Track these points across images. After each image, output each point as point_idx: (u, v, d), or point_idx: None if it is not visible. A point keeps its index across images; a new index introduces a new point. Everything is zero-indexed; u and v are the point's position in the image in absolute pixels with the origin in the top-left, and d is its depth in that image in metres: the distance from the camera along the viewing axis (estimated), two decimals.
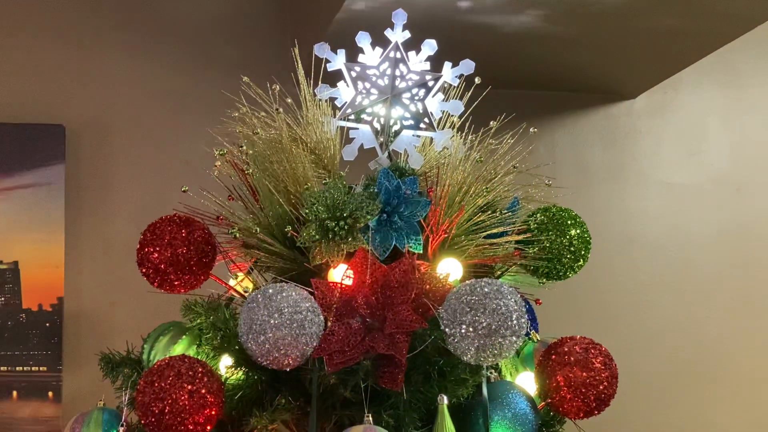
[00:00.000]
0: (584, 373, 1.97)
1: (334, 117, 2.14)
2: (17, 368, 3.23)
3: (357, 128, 2.14)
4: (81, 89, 3.43)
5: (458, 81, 2.14)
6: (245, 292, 2.09)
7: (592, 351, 2.00)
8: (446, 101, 2.15)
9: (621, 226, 3.88)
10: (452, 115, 2.17)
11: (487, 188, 2.10)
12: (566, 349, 2.00)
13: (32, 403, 3.21)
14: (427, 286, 1.90)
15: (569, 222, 2.20)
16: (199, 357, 1.95)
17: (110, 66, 3.46)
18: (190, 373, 1.83)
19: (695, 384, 3.87)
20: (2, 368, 3.21)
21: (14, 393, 3.22)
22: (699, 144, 4.00)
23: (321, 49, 2.12)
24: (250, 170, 2.06)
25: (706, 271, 3.93)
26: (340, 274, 1.92)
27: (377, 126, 2.13)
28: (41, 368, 3.23)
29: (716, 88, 4.02)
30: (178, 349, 2.04)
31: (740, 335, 3.93)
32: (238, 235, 2.03)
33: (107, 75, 3.46)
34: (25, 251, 3.28)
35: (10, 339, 3.23)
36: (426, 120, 2.13)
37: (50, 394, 3.22)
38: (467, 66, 2.13)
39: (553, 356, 2.02)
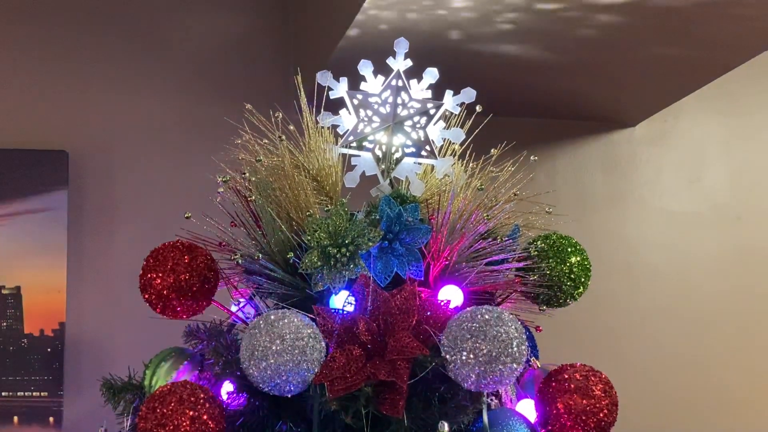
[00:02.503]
0: (584, 401, 1.97)
1: (336, 144, 2.15)
2: (18, 393, 3.23)
3: (359, 155, 2.15)
4: (84, 116, 3.44)
5: (459, 109, 2.16)
6: (247, 318, 2.10)
7: (592, 378, 2.00)
8: (447, 129, 2.16)
9: (621, 254, 3.89)
10: (453, 143, 2.18)
11: (487, 215, 2.11)
12: (566, 377, 2.01)
13: (33, 429, 3.21)
14: (428, 313, 1.90)
15: (569, 249, 2.21)
16: (200, 383, 1.95)
17: (113, 93, 3.48)
18: (192, 399, 1.83)
19: (696, 410, 3.86)
20: (3, 393, 3.21)
21: (15, 418, 3.21)
22: (699, 172, 4.01)
23: (323, 77, 2.13)
24: (253, 197, 2.07)
25: (706, 299, 3.93)
26: (341, 300, 1.93)
27: (379, 153, 2.14)
28: (42, 393, 3.23)
29: (716, 117, 4.04)
30: (180, 375, 2.05)
31: (740, 362, 3.93)
32: (240, 261, 2.04)
33: (110, 102, 3.47)
34: (28, 277, 3.29)
35: (12, 364, 3.24)
36: (427, 147, 2.14)
37: (51, 419, 3.22)
38: (468, 94, 2.14)
39: (553, 383, 2.02)
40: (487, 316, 1.83)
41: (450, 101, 2.15)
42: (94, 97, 3.46)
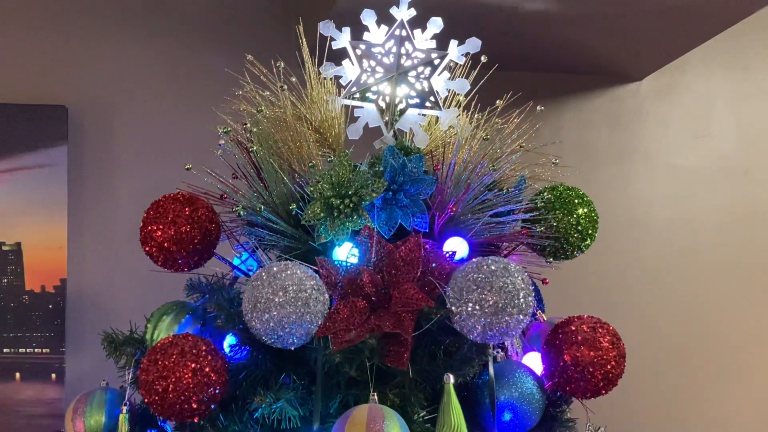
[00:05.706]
0: (592, 353, 1.95)
1: (339, 95, 2.12)
2: (20, 350, 3.22)
3: (362, 107, 2.12)
4: (83, 70, 3.41)
5: (464, 59, 2.13)
6: (249, 270, 2.08)
7: (600, 330, 1.98)
8: (452, 80, 2.13)
9: (627, 209, 3.87)
10: (458, 94, 2.16)
11: (493, 167, 2.09)
12: (573, 329, 1.99)
13: (35, 385, 3.21)
14: (433, 264, 1.88)
15: (576, 201, 2.18)
16: (203, 336, 1.93)
17: (113, 46, 3.45)
18: (194, 351, 1.82)
19: (701, 366, 3.86)
20: (5, 350, 3.21)
21: (17, 375, 3.21)
22: (705, 126, 3.97)
23: (326, 27, 2.10)
24: (254, 148, 2.05)
25: (712, 254, 3.91)
26: (345, 252, 1.91)
27: (382, 104, 2.12)
28: (44, 350, 3.23)
29: (723, 70, 4.00)
30: (182, 328, 2.03)
31: (746, 318, 3.92)
32: (242, 213, 2.01)
33: (110, 55, 3.44)
34: (28, 233, 3.27)
35: (13, 321, 3.23)
36: (432, 98, 2.11)
37: (53, 375, 3.21)
38: (473, 44, 2.11)
39: (560, 335, 2.00)
40: (493, 267, 1.81)
41: (455, 51, 2.12)
42: (92, 50, 3.43)
